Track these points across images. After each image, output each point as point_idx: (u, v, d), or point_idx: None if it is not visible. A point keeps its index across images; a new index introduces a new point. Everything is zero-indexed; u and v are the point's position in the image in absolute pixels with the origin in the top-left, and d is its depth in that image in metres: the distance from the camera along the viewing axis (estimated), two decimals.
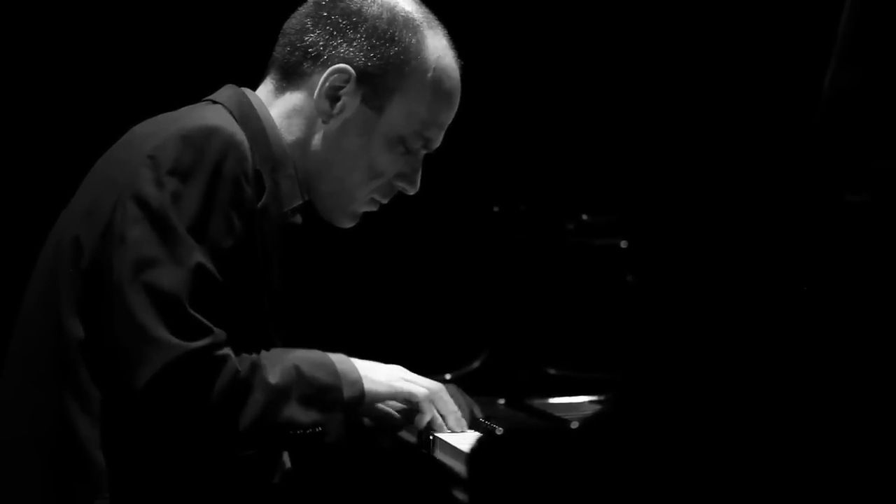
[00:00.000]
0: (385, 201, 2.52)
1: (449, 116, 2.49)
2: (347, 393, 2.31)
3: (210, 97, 2.41)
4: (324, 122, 2.42)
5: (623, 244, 2.61)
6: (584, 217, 2.74)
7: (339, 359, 2.34)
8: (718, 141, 3.60)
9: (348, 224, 2.52)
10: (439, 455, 2.33)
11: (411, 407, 2.39)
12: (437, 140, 2.50)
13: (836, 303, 2.06)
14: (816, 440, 2.04)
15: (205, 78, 2.57)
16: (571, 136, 3.90)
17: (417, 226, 3.89)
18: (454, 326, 3.21)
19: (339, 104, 2.41)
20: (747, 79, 3.62)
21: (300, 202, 2.44)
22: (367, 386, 2.34)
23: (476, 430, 2.42)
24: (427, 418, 2.39)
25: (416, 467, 2.47)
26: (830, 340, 2.05)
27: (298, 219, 2.46)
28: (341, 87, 2.40)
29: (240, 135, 2.25)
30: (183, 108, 2.38)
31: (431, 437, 2.36)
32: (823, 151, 2.13)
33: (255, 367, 2.21)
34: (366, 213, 2.54)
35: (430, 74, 2.43)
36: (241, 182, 2.22)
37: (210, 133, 2.21)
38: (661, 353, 2.09)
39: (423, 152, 2.49)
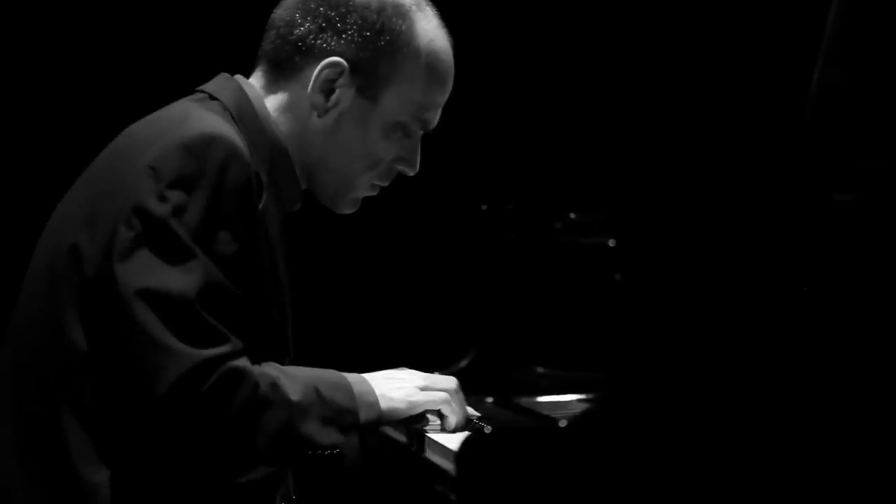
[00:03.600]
0: (386, 184, 2.51)
1: (445, 96, 2.48)
2: (364, 416, 2.29)
3: (205, 89, 2.39)
4: (319, 115, 2.41)
5: (611, 243, 2.61)
6: (572, 216, 2.74)
7: (356, 379, 2.32)
8: (706, 140, 3.60)
9: (349, 210, 2.52)
10: (429, 454, 2.33)
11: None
12: (435, 120, 2.49)
13: (824, 302, 2.06)
14: (803, 435, 2.04)
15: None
16: (559, 134, 3.90)
17: (406, 224, 3.90)
18: (442, 325, 3.22)
19: (333, 97, 2.40)
20: (735, 77, 3.63)
21: (299, 194, 2.44)
22: (385, 406, 2.32)
23: (465, 428, 2.42)
24: (453, 420, 2.39)
25: (405, 466, 2.47)
26: (817, 339, 2.05)
27: (297, 205, 2.46)
28: (335, 80, 2.39)
29: (239, 141, 2.23)
30: (178, 104, 2.36)
31: (421, 436, 2.36)
32: (811, 150, 2.13)
33: (275, 383, 2.19)
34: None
35: (422, 59, 2.42)
36: (243, 189, 2.20)
37: (211, 141, 2.19)
38: (650, 351, 2.10)
39: (421, 133, 2.49)
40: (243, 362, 2.16)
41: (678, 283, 2.15)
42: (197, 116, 2.28)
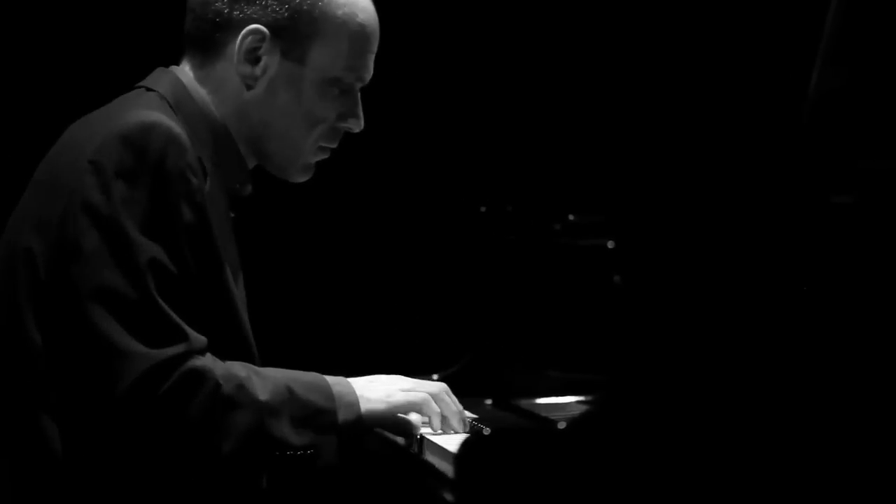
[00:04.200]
0: (334, 145, 2.49)
1: (373, 44, 2.47)
2: (343, 416, 2.28)
3: (143, 83, 2.39)
4: (250, 86, 2.40)
5: (610, 245, 2.61)
6: (571, 217, 2.74)
7: (335, 381, 2.32)
8: (705, 141, 3.60)
9: (303, 178, 2.50)
10: (427, 456, 2.33)
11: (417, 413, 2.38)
12: (369, 71, 2.47)
13: (824, 303, 2.06)
14: (802, 436, 2.04)
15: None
16: (558, 136, 3.90)
17: (405, 226, 3.89)
18: (441, 326, 3.22)
19: (260, 65, 2.39)
20: (734, 79, 3.63)
21: (247, 174, 2.43)
22: (365, 407, 2.32)
23: (463, 430, 2.42)
24: (436, 420, 2.38)
25: (403, 468, 2.47)
26: (816, 341, 2.05)
27: (248, 189, 2.46)
28: (258, 48, 2.38)
29: (177, 127, 2.22)
30: (117, 100, 2.36)
31: (419, 438, 2.36)
32: (810, 152, 2.13)
33: (242, 383, 2.18)
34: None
35: (341, 11, 2.41)
36: (186, 175, 2.19)
37: (149, 130, 2.19)
38: (649, 353, 2.09)
39: (359, 86, 2.47)
40: (203, 361, 2.16)
41: (677, 285, 2.15)
42: (134, 108, 2.27)
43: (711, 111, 3.63)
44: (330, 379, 2.32)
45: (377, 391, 2.35)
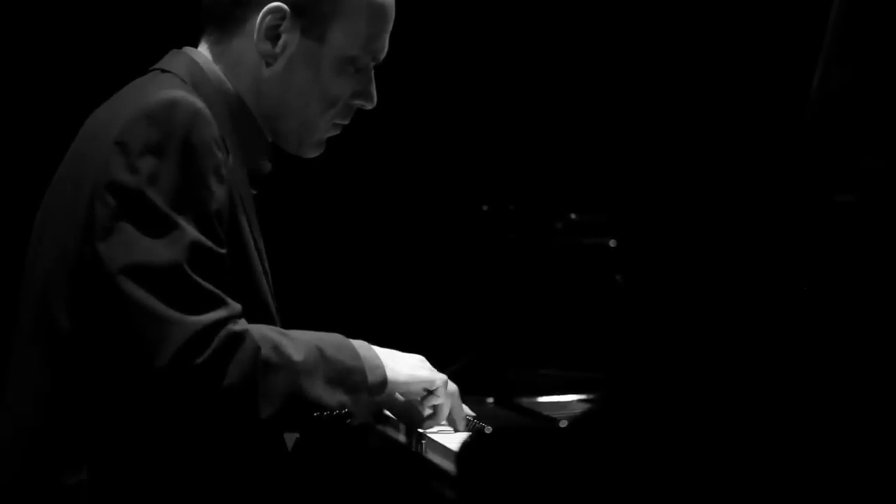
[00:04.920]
0: (346, 122, 2.50)
1: (390, 23, 2.47)
2: (371, 377, 2.30)
3: (157, 66, 2.39)
4: (269, 63, 2.39)
5: (612, 243, 2.61)
6: (573, 216, 2.74)
7: (359, 344, 2.34)
8: (707, 140, 3.60)
9: (315, 153, 2.51)
10: (429, 454, 2.33)
11: (429, 393, 2.39)
12: (384, 50, 2.48)
13: (824, 303, 2.06)
14: (803, 436, 2.04)
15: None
16: (561, 135, 3.90)
17: (407, 225, 3.90)
18: (443, 325, 3.21)
19: (279, 43, 2.38)
20: (736, 78, 3.63)
21: (267, 148, 2.43)
22: (389, 373, 2.33)
23: (465, 429, 2.42)
24: (445, 407, 2.39)
25: (405, 466, 2.47)
26: (817, 340, 2.05)
27: (268, 166, 2.46)
28: (278, 26, 2.38)
29: (200, 101, 2.23)
30: (134, 83, 2.36)
31: (421, 436, 2.37)
32: (812, 151, 2.13)
33: (277, 345, 2.19)
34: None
35: None
36: (212, 148, 2.19)
37: (172, 105, 2.19)
38: (650, 352, 2.09)
39: (373, 65, 2.48)
40: (242, 325, 2.16)
41: (679, 284, 2.15)
42: (154, 87, 2.27)
43: (713, 110, 3.63)
44: (354, 341, 2.33)
45: (401, 362, 2.37)
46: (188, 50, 2.42)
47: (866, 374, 2.05)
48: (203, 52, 2.42)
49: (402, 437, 2.44)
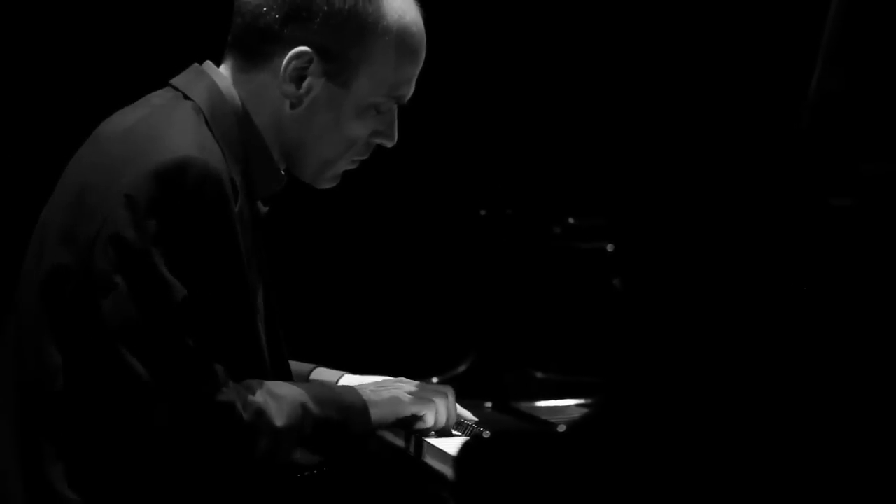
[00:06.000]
0: (365, 157, 2.49)
1: (417, 69, 2.45)
2: (355, 429, 2.32)
3: (178, 85, 2.36)
4: (292, 104, 2.38)
5: (609, 248, 2.61)
6: (571, 221, 2.74)
7: (344, 390, 2.35)
8: (705, 144, 3.60)
9: (330, 185, 2.50)
10: (427, 458, 2.33)
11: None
12: (409, 93, 2.46)
13: (823, 306, 2.06)
14: (802, 437, 2.04)
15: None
16: (558, 139, 3.90)
17: (405, 229, 3.89)
18: (441, 329, 3.21)
19: (304, 85, 2.36)
20: (734, 82, 3.63)
21: (278, 182, 2.43)
22: (374, 416, 2.35)
23: (463, 433, 2.42)
24: (442, 420, 2.41)
25: (403, 471, 2.47)
26: (815, 344, 2.05)
27: (279, 187, 2.45)
28: (305, 69, 2.36)
29: (213, 160, 2.21)
30: (153, 104, 2.33)
31: (419, 441, 2.36)
32: (809, 154, 2.13)
33: (261, 408, 2.20)
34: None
35: (393, 38, 2.38)
36: (220, 210, 2.20)
37: (184, 167, 2.17)
38: (648, 356, 2.09)
39: (397, 105, 2.46)
40: (227, 395, 2.18)
41: (677, 288, 2.15)
42: (169, 134, 2.24)
43: (711, 114, 3.63)
44: (339, 388, 2.35)
45: (384, 403, 2.37)
46: (210, 69, 2.39)
47: (865, 375, 2.04)
48: (225, 73, 2.39)
49: (400, 442, 2.44)
